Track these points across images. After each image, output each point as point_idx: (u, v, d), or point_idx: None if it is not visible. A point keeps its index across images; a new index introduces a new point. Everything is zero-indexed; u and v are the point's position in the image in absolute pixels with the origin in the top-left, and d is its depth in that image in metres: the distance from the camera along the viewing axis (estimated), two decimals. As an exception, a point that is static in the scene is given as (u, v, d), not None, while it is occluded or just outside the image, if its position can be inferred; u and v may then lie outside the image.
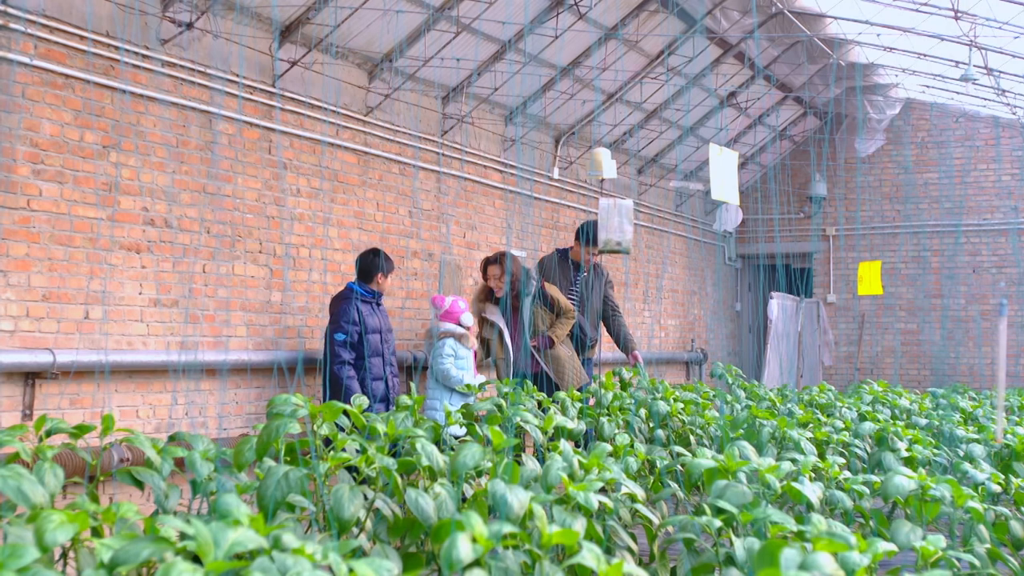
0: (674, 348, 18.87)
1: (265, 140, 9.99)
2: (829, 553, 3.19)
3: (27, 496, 3.49)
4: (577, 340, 10.93)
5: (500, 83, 12.89)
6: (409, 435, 4.61)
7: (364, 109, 11.33)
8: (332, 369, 9.18)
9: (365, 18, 10.60)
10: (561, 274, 11.22)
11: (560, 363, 10.42)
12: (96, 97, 8.43)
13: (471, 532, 3.22)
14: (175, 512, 4.18)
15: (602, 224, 11.62)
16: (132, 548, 2.95)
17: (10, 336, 7.75)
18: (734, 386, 11.71)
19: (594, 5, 12.44)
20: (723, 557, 4.12)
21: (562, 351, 10.53)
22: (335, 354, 9.16)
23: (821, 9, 14.89)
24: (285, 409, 4.45)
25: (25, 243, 7.85)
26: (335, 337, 9.27)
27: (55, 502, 3.71)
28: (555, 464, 4.60)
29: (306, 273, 10.34)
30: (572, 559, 3.37)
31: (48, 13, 8.11)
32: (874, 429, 7.75)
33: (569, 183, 15.39)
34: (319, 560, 2.98)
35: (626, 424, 7.58)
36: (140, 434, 4.54)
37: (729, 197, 12.21)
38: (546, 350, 10.38)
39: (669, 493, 5.53)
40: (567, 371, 10.42)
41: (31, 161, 7.91)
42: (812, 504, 4.82)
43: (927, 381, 19.71)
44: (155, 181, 8.88)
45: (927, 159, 20.40)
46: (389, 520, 4.18)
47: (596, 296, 11.42)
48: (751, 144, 19.54)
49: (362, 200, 11.21)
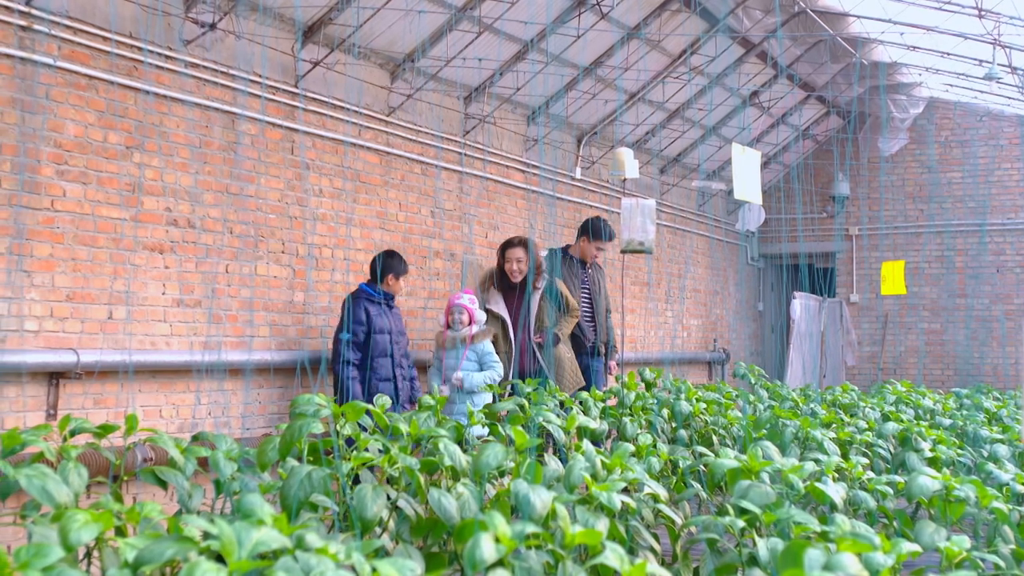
0: (696, 348, 18.84)
1: (288, 140, 10.01)
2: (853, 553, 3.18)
3: (51, 495, 3.50)
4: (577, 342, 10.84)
5: (522, 83, 12.88)
6: (432, 435, 4.61)
7: (386, 109, 11.35)
8: (337, 370, 9.25)
9: (387, 18, 10.61)
10: (566, 274, 11.10)
11: (561, 364, 10.31)
12: (119, 98, 8.46)
13: (494, 532, 3.21)
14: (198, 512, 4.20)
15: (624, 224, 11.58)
16: (156, 547, 2.96)
17: (34, 336, 7.78)
18: (757, 386, 11.69)
19: (616, 4, 12.42)
20: (746, 557, 4.11)
21: (564, 351, 10.44)
22: (338, 353, 9.23)
23: (844, 8, 14.84)
24: (308, 409, 4.46)
25: (49, 243, 7.88)
26: (339, 337, 9.36)
27: (79, 501, 3.72)
28: (578, 464, 4.59)
29: (328, 273, 10.36)
30: (595, 559, 3.36)
31: (72, 14, 8.14)
32: (898, 429, 7.72)
33: (591, 183, 15.38)
34: (342, 560, 2.98)
35: (648, 424, 7.57)
36: (163, 434, 4.55)
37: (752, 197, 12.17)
38: (549, 348, 10.28)
39: (692, 493, 5.52)
40: (566, 373, 10.30)
41: (55, 162, 7.93)
42: (835, 504, 4.81)
43: (951, 381, 19.63)
44: (178, 181, 8.90)
45: (951, 158, 20.32)
46: (412, 520, 4.18)
47: (602, 293, 11.37)
48: (774, 143, 19.49)
49: (384, 200, 11.22)
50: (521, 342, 10.23)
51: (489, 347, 10.02)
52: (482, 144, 12.86)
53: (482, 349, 9.98)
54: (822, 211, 21.07)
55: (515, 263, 10.29)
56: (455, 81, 12.27)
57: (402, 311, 11.23)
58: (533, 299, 10.27)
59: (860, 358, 20.78)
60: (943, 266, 20.21)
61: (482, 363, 9.97)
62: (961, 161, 20.24)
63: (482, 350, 9.98)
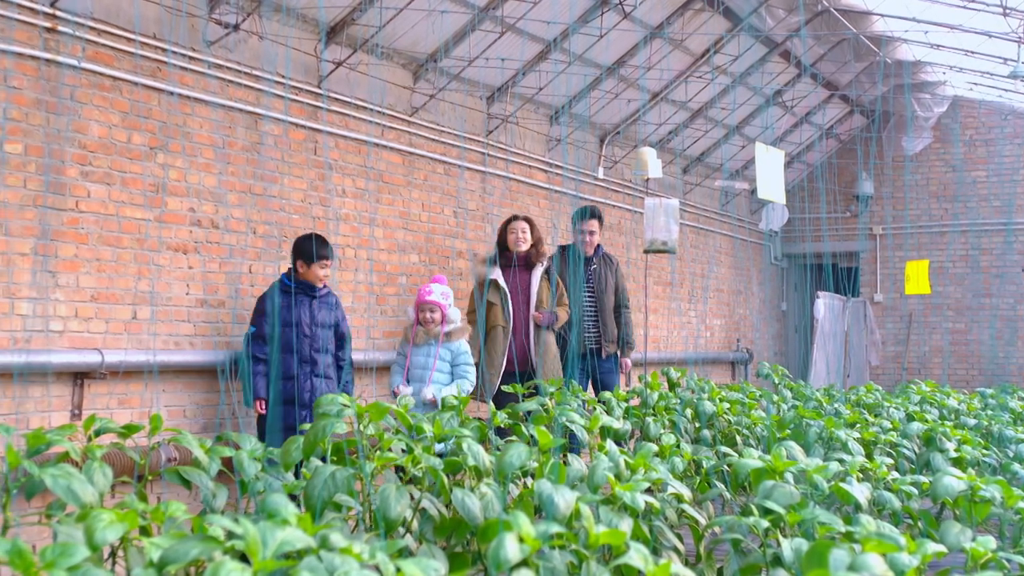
0: (719, 348, 18.81)
1: (311, 141, 10.03)
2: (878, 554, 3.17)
3: (77, 495, 3.52)
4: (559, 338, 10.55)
5: (545, 83, 12.88)
6: (455, 435, 4.62)
7: (409, 109, 11.36)
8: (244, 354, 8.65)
9: (410, 19, 10.62)
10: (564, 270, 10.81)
11: (548, 351, 10.22)
12: (143, 99, 8.49)
13: (518, 532, 3.21)
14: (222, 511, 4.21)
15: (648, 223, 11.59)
16: (181, 547, 2.97)
17: (59, 336, 7.81)
18: (780, 386, 11.66)
19: (639, 4, 12.41)
20: (770, 558, 4.10)
21: (552, 341, 10.27)
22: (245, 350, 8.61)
23: (867, 7, 14.79)
24: (331, 409, 4.47)
25: (74, 244, 7.91)
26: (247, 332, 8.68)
27: (104, 501, 3.74)
28: (601, 464, 4.59)
29: (352, 273, 10.37)
30: (619, 559, 3.36)
31: (96, 16, 8.17)
32: (922, 429, 7.69)
33: (614, 183, 15.37)
34: (366, 559, 2.99)
35: (672, 424, 7.56)
36: (187, 434, 4.56)
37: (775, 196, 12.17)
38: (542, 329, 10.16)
39: (715, 493, 5.51)
40: (549, 363, 10.21)
41: (79, 163, 7.96)
42: (860, 505, 4.79)
43: (976, 381, 19.54)
44: (202, 182, 8.92)
45: (975, 157, 20.24)
46: (435, 520, 4.19)
47: (609, 289, 11.04)
48: (797, 143, 19.45)
49: (407, 200, 11.23)
50: (518, 318, 10.12)
51: (464, 347, 9.23)
52: (505, 144, 12.86)
53: (457, 349, 9.16)
54: (846, 210, 21.01)
55: (519, 232, 10.21)
56: (478, 81, 12.27)
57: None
58: (535, 274, 10.19)
59: (884, 358, 20.71)
60: (968, 265, 20.12)
61: (455, 365, 9.14)
62: (986, 160, 20.16)
63: (457, 350, 9.16)
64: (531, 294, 10.13)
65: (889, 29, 15.55)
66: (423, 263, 11.38)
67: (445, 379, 9.04)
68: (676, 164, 17.14)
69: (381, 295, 10.79)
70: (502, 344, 9.98)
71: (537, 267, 10.17)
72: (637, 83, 14.34)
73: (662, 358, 15.71)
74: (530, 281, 10.15)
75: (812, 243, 21.06)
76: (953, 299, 20.25)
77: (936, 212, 20.43)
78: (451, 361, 9.10)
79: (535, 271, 10.16)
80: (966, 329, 20.19)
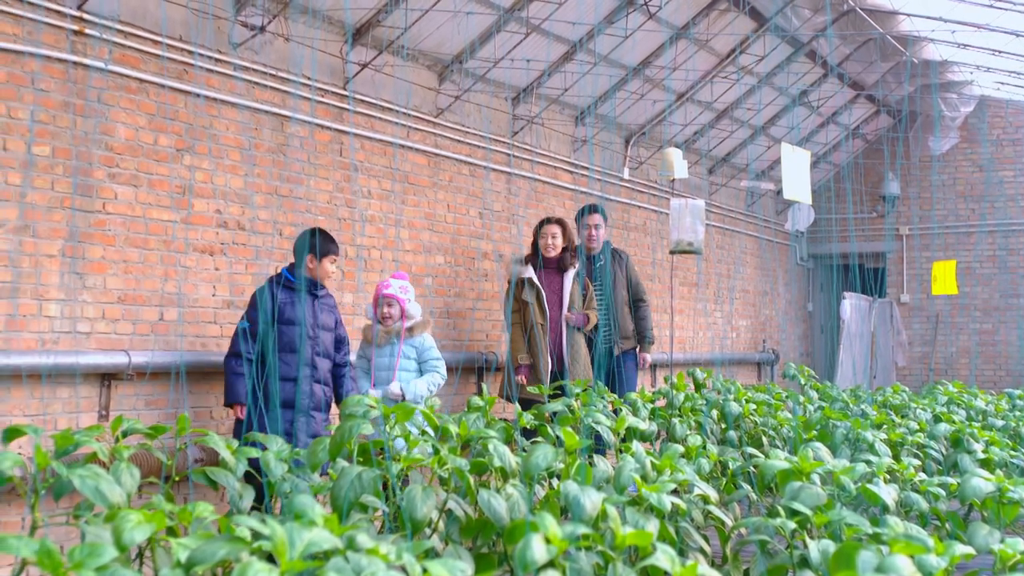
0: (745, 349, 18.76)
1: (336, 142, 10.05)
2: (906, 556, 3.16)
3: (105, 496, 3.53)
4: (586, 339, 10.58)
5: (570, 84, 12.88)
6: (481, 436, 4.62)
7: (434, 111, 11.36)
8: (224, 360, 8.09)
9: (435, 20, 10.63)
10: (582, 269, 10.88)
11: (579, 353, 10.27)
12: (170, 101, 8.51)
13: (545, 533, 3.22)
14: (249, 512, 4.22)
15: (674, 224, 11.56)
16: (208, 548, 2.98)
17: (87, 338, 7.84)
18: (807, 387, 11.63)
19: (664, 4, 12.39)
20: (797, 559, 4.10)
21: (583, 342, 10.36)
22: (231, 343, 8.09)
23: (894, 6, 14.74)
24: (358, 410, 4.47)
25: (101, 246, 7.94)
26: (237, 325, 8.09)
27: (131, 502, 3.75)
28: (627, 465, 4.59)
29: (377, 274, 10.38)
30: (646, 560, 3.36)
31: (123, 18, 8.20)
32: (950, 430, 7.66)
33: (640, 183, 15.35)
34: (393, 560, 2.99)
35: (698, 425, 7.55)
36: (214, 435, 4.58)
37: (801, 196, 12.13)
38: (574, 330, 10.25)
39: (742, 495, 5.51)
40: (580, 364, 10.25)
41: (106, 165, 8.00)
42: (887, 506, 4.78)
43: (1003, 382, 19.45)
44: (228, 184, 8.95)
45: (1003, 157, 20.14)
46: (461, 521, 4.19)
47: (620, 285, 10.99)
48: (823, 143, 19.39)
49: (433, 202, 11.24)
50: (551, 319, 10.19)
51: (429, 341, 8.79)
52: (530, 145, 12.86)
53: (421, 344, 8.74)
54: (872, 211, 20.94)
55: (549, 238, 10.32)
56: (503, 82, 12.27)
57: (448, 311, 11.26)
58: (567, 277, 10.25)
59: (911, 359, 20.63)
60: (995, 266, 20.03)
61: (421, 361, 8.74)
62: (1013, 160, 20.07)
63: (421, 345, 8.73)
64: (564, 296, 10.20)
65: (916, 29, 15.49)
66: (448, 264, 11.39)
67: (411, 376, 8.66)
68: (702, 165, 17.11)
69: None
70: (542, 341, 10.05)
71: (569, 270, 10.25)
72: (662, 84, 14.32)
73: (688, 359, 15.69)
74: (563, 283, 10.24)
75: (838, 243, 20.99)
76: (980, 299, 20.16)
77: (963, 212, 20.34)
78: (417, 357, 8.71)
79: (567, 274, 10.25)
80: (993, 330, 20.09)
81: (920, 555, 3.38)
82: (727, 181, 17.98)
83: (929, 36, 15.65)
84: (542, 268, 10.25)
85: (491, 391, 10.83)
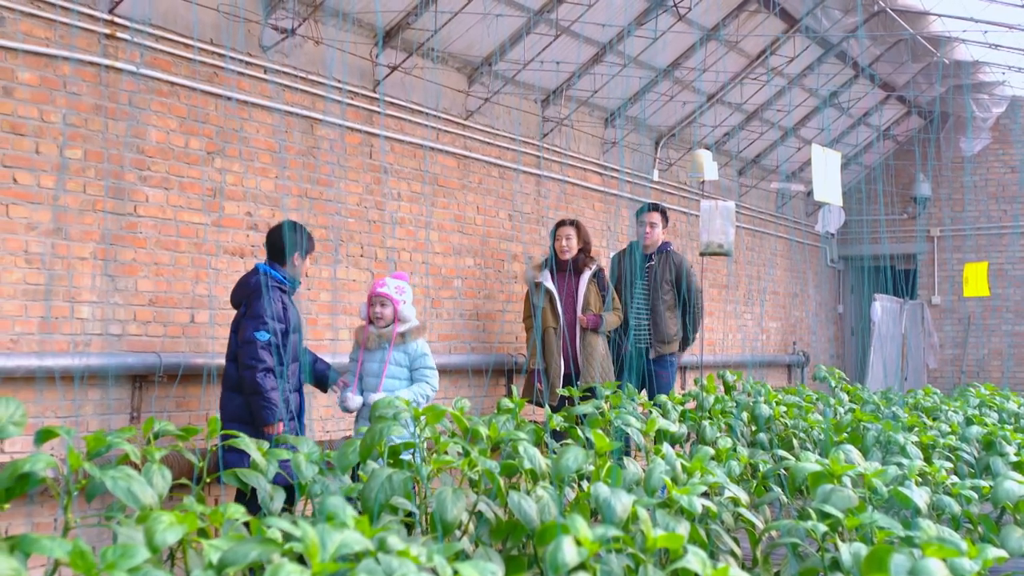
0: (776, 351, 18.71)
1: (366, 145, 10.07)
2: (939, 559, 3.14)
3: (136, 497, 3.55)
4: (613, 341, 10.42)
5: (600, 85, 12.87)
6: (511, 438, 4.62)
7: (464, 113, 11.38)
8: (253, 378, 7.33)
9: (465, 22, 10.64)
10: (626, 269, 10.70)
11: (593, 353, 10.18)
12: (201, 104, 8.55)
13: (576, 535, 3.22)
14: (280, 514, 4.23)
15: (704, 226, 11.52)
16: (240, 549, 2.99)
17: (118, 340, 7.87)
18: (837, 389, 11.59)
19: (694, 6, 12.37)
20: (828, 562, 4.08)
21: (600, 343, 10.22)
22: (257, 359, 7.32)
23: (925, 7, 14.68)
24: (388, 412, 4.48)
25: (132, 248, 7.98)
26: (256, 337, 7.34)
27: (162, 503, 3.77)
28: (658, 468, 4.58)
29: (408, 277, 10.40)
30: (676, 563, 3.36)
31: (155, 22, 8.24)
32: (982, 433, 7.63)
33: (670, 185, 15.32)
34: (424, 562, 2.99)
35: (728, 427, 7.53)
36: (245, 436, 4.59)
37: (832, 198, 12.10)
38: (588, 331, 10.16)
39: (772, 497, 5.50)
40: (594, 365, 10.17)
41: (138, 168, 8.03)
42: (919, 509, 4.76)
43: (1036, 384, 19.36)
44: (259, 186, 8.98)
45: (1035, 158, 20.05)
46: (491, 523, 4.19)
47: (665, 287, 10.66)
48: (854, 144, 19.31)
49: (462, 204, 11.25)
50: (569, 322, 10.16)
51: (424, 348, 8.13)
52: (560, 147, 12.86)
53: (415, 351, 8.08)
54: (903, 212, 20.85)
55: (564, 240, 10.24)
56: (532, 84, 12.27)
57: (477, 314, 11.27)
58: (583, 278, 10.20)
59: (942, 361, 20.53)
60: (1028, 267, 19.93)
61: (413, 369, 8.09)
62: (1046, 160, 19.98)
63: (415, 352, 8.08)
64: (577, 297, 10.15)
65: (947, 29, 15.42)
66: (478, 266, 11.40)
67: (400, 385, 7.97)
68: (732, 166, 17.07)
69: (436, 298, 10.81)
70: (555, 344, 10.01)
71: (585, 271, 10.19)
72: (692, 85, 14.30)
73: (718, 361, 15.66)
74: (578, 285, 10.18)
75: (869, 245, 20.91)
76: (1012, 301, 20.05)
77: (995, 214, 20.24)
78: (409, 365, 8.07)
79: (583, 275, 10.19)
80: (1026, 332, 20.00)
81: (953, 558, 3.37)
82: (757, 183, 17.94)
83: (960, 36, 15.58)
84: (563, 270, 10.22)
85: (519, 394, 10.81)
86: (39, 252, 7.35)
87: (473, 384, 11.04)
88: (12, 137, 7.25)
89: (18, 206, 7.26)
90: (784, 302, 19.16)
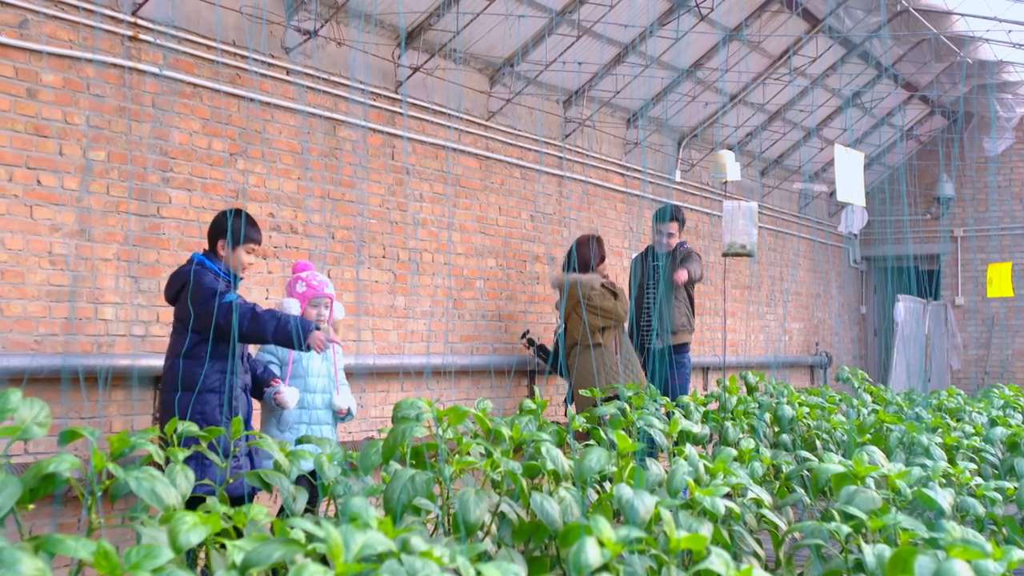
0: (798, 352, 18.67)
1: (388, 146, 10.08)
2: (964, 560, 3.13)
3: (160, 498, 3.56)
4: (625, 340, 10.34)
5: (622, 86, 12.85)
6: (534, 439, 4.62)
7: (486, 114, 11.38)
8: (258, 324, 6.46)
9: (486, 23, 10.64)
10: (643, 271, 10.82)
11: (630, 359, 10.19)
12: (223, 105, 8.57)
13: (599, 536, 3.21)
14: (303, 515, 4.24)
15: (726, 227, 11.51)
16: (264, 550, 3.00)
17: (141, 341, 7.90)
18: (860, 390, 11.55)
19: (716, 6, 12.34)
20: (852, 564, 4.07)
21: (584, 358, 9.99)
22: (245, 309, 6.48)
23: (948, 6, 14.62)
24: (411, 413, 4.48)
25: (155, 250, 8.00)
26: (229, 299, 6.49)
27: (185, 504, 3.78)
28: (681, 469, 4.57)
29: (430, 278, 10.41)
30: (700, 564, 3.35)
31: (177, 24, 8.26)
32: (1006, 434, 7.59)
33: (692, 185, 15.31)
34: (447, 563, 2.99)
35: (751, 429, 7.52)
36: (268, 437, 4.60)
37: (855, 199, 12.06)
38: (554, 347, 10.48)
39: (795, 498, 5.48)
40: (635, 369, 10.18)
41: (161, 169, 8.06)
42: (944, 511, 4.74)
43: (1060, 385, 19.26)
44: (281, 187, 8.99)
45: (1059, 158, 19.96)
46: (514, 524, 4.19)
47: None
48: (877, 144, 19.25)
49: (484, 205, 11.25)
50: None
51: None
52: (582, 148, 12.85)
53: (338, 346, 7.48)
54: (926, 212, 20.78)
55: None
56: (554, 85, 12.27)
57: (499, 314, 11.27)
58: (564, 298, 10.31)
59: (966, 362, 20.46)
60: (1052, 268, 19.85)
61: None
62: (1070, 160, 19.88)
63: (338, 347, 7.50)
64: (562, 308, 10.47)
65: (970, 29, 15.36)
66: (500, 267, 11.40)
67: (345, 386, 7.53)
68: (754, 167, 17.04)
69: (459, 299, 10.82)
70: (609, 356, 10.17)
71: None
72: (715, 85, 14.27)
73: (740, 362, 15.63)
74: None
75: (892, 245, 20.84)
76: (1037, 302, 19.97)
77: (1019, 214, 20.15)
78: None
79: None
80: (1050, 332, 19.92)
81: (977, 560, 3.35)
82: (780, 183, 17.90)
83: (984, 36, 15.51)
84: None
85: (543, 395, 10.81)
86: (63, 253, 7.38)
87: (496, 385, 11.04)
88: (36, 139, 7.28)
89: (42, 208, 7.29)
90: (807, 303, 19.11)
